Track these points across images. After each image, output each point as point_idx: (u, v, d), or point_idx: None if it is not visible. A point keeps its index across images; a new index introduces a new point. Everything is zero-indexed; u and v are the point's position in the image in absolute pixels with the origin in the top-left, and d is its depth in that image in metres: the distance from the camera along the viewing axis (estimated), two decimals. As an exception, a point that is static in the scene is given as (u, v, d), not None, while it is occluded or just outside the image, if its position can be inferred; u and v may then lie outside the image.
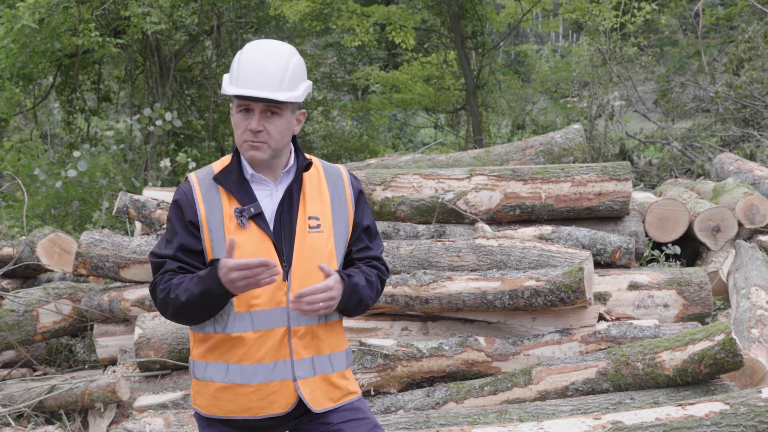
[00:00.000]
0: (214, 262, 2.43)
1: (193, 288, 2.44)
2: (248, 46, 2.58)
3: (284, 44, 2.60)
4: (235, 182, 2.57)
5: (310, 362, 2.57)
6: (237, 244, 2.49)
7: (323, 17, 14.99)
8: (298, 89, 2.56)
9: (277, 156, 2.58)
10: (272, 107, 2.52)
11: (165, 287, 2.51)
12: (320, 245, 2.58)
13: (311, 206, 2.61)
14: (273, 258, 2.52)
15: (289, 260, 2.54)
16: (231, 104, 2.61)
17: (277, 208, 2.57)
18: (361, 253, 2.71)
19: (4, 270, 6.32)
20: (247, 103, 2.51)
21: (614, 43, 12.72)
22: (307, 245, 2.56)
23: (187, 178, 2.65)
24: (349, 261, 2.70)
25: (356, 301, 2.59)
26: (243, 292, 2.44)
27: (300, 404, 2.57)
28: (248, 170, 2.59)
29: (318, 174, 2.68)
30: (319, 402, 2.58)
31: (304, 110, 2.65)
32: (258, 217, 2.54)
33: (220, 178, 2.58)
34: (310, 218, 2.59)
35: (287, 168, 2.61)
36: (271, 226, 2.55)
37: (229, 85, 2.53)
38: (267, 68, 2.51)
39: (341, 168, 2.75)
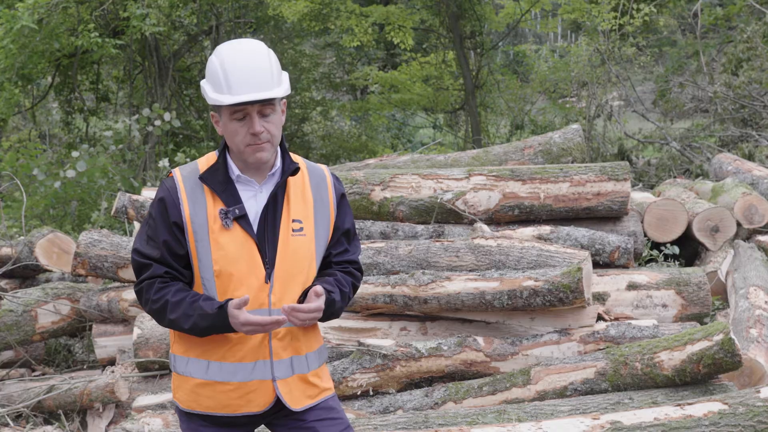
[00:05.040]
0: (224, 305, 2.47)
1: (199, 321, 2.49)
2: (225, 52, 2.52)
3: (257, 42, 2.57)
4: (220, 182, 2.57)
5: (289, 363, 2.61)
6: (220, 245, 2.52)
7: (322, 17, 15.00)
8: (284, 81, 2.55)
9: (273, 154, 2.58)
10: (267, 106, 2.50)
11: (158, 299, 2.53)
12: (302, 248, 2.59)
13: (295, 209, 2.61)
14: (256, 260, 2.54)
15: (272, 263, 2.55)
16: (215, 112, 2.56)
17: (261, 210, 2.57)
18: (339, 257, 2.72)
19: (2, 270, 6.32)
20: (244, 108, 2.48)
21: (613, 43, 12.72)
22: (290, 248, 2.57)
23: (171, 173, 2.63)
24: (326, 263, 2.71)
25: (329, 313, 2.62)
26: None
27: (277, 402, 2.61)
28: (234, 170, 2.58)
29: (302, 175, 2.67)
30: (297, 401, 2.62)
31: (284, 99, 2.62)
32: (242, 219, 2.55)
33: (206, 178, 2.57)
34: (293, 221, 2.59)
35: (273, 170, 2.61)
36: (255, 228, 2.56)
37: (220, 95, 2.48)
38: (256, 69, 2.48)
39: (324, 169, 2.75)
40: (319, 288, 2.51)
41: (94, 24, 10.95)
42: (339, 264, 2.72)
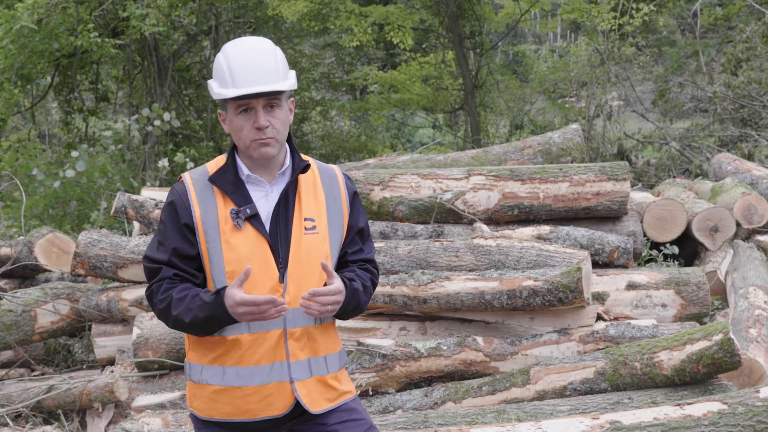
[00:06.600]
0: (221, 291, 2.44)
1: (198, 312, 2.45)
2: (231, 48, 2.55)
3: (263, 39, 2.59)
4: (230, 183, 2.56)
5: (307, 364, 2.57)
6: (232, 245, 2.49)
7: (321, 17, 15.01)
8: (291, 77, 2.56)
9: (280, 151, 2.57)
10: (273, 101, 2.51)
11: (164, 298, 2.50)
12: (316, 247, 2.57)
13: (307, 207, 2.59)
14: (269, 260, 2.51)
15: (285, 262, 2.53)
16: (223, 110, 2.59)
17: (273, 209, 2.56)
18: (356, 255, 2.70)
19: (2, 270, 6.32)
20: (248, 102, 2.49)
21: (612, 43, 12.73)
22: (303, 247, 2.55)
23: (180, 178, 2.63)
24: (343, 263, 2.69)
25: (354, 306, 2.59)
26: (250, 322, 2.46)
27: (297, 406, 2.57)
28: (244, 171, 2.57)
29: (313, 175, 2.66)
30: (316, 403, 2.59)
31: (293, 98, 2.64)
32: (254, 219, 2.53)
33: (215, 179, 2.56)
34: (305, 219, 2.57)
35: (283, 169, 2.60)
36: (267, 228, 2.54)
37: (225, 89, 2.50)
38: (260, 63, 2.49)
39: (336, 168, 2.74)
40: (326, 264, 2.47)
41: (93, 24, 10.95)
42: (355, 262, 2.70)
